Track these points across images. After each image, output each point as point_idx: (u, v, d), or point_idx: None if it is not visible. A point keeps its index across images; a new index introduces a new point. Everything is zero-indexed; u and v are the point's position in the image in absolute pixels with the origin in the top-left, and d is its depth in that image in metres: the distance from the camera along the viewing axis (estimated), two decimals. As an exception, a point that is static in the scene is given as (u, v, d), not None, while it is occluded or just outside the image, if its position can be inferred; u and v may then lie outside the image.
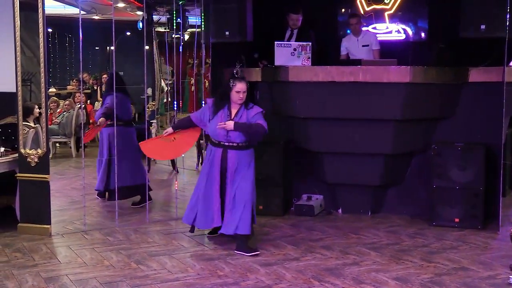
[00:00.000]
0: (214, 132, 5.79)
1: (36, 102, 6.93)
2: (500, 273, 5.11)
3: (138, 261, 5.46)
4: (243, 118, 5.75)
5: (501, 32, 6.22)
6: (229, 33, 7.11)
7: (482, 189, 6.46)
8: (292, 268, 5.26)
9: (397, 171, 7.13)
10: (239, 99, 5.74)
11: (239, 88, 5.72)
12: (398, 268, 5.26)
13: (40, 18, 6.05)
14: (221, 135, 5.72)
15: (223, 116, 5.76)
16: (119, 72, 8.11)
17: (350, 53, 7.96)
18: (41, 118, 6.65)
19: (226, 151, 5.76)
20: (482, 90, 6.71)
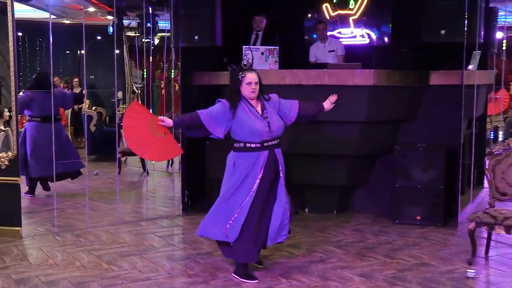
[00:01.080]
0: (255, 132, 4.90)
1: (6, 105, 6.88)
2: (458, 268, 5.24)
3: (109, 261, 5.45)
4: (270, 110, 5.00)
5: (460, 37, 6.36)
6: (198, 38, 7.12)
7: (442, 188, 6.58)
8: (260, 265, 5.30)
9: (362, 172, 7.23)
10: (252, 91, 4.91)
11: (250, 78, 4.92)
12: (363, 265, 5.34)
13: (9, 22, 6.00)
14: (265, 133, 4.90)
15: (254, 113, 4.94)
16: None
17: (317, 58, 8.05)
18: (11, 122, 6.58)
19: (273, 152, 5.00)
20: (442, 92, 6.85)
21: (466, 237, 5.54)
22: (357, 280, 4.95)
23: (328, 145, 6.80)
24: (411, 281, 4.91)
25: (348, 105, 6.60)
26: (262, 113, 4.97)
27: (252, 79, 4.94)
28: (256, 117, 4.93)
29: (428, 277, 5.00)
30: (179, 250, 5.91)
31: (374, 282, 4.90)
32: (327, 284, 4.86)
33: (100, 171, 10.13)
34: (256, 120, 4.92)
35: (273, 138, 4.97)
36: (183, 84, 7.48)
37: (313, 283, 4.88)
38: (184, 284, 4.88)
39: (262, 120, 4.93)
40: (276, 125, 4.96)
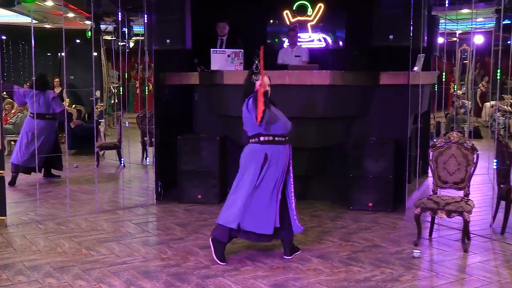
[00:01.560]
0: (286, 125, 4.89)
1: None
2: (406, 249, 5.29)
3: (89, 247, 5.37)
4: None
5: (406, 42, 6.42)
6: (170, 41, 7.06)
7: (391, 177, 6.63)
8: (227, 250, 5.25)
9: (319, 163, 7.25)
10: (269, 92, 4.80)
11: (266, 81, 4.75)
12: (321, 247, 5.36)
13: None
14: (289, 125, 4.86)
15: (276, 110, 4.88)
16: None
17: (284, 61, 8.07)
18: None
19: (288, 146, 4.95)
20: (391, 91, 6.89)
21: (412, 221, 5.60)
22: (315, 261, 4.96)
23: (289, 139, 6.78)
24: (364, 261, 4.94)
25: (307, 103, 6.62)
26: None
27: (267, 82, 4.80)
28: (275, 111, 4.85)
29: (379, 257, 5.05)
30: (153, 236, 5.85)
31: (330, 262, 4.92)
32: (288, 265, 4.86)
33: (80, 164, 9.98)
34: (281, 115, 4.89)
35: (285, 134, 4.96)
36: (156, 83, 7.40)
37: (276, 264, 4.87)
38: (158, 267, 4.83)
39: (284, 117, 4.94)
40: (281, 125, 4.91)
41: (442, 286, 4.37)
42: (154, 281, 4.48)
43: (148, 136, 9.10)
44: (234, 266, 4.82)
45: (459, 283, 4.45)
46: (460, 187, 5.47)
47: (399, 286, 4.36)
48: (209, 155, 7.06)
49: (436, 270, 4.76)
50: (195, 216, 6.57)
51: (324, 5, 8.84)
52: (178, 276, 4.58)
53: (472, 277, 4.56)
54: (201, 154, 7.07)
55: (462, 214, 5.15)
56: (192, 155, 7.09)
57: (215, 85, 7.09)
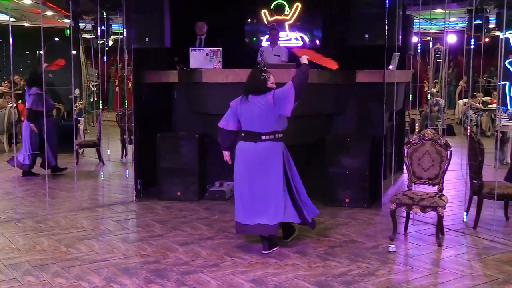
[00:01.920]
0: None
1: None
2: (381, 243, 5.33)
3: (68, 245, 5.31)
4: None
5: (381, 41, 6.46)
6: (149, 40, 7.01)
7: (368, 173, 6.67)
8: (207, 246, 5.27)
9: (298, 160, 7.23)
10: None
11: (273, 79, 5.12)
12: (299, 243, 5.37)
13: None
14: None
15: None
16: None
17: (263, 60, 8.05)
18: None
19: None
20: (367, 89, 6.94)
21: (388, 217, 5.64)
22: (293, 256, 4.97)
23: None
24: (341, 256, 4.97)
25: (284, 101, 6.61)
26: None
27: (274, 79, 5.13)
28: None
29: (355, 252, 5.08)
30: (132, 233, 5.81)
31: (308, 258, 4.94)
32: (266, 260, 4.86)
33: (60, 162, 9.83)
34: None
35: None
36: (136, 82, 7.35)
37: (255, 260, 4.88)
38: (138, 264, 4.80)
39: None
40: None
41: (416, 279, 4.41)
42: (133, 277, 4.45)
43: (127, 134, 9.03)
44: (214, 262, 4.81)
45: (433, 276, 4.50)
46: (434, 183, 5.52)
47: (375, 280, 4.39)
48: (188, 152, 7.04)
49: (411, 264, 4.80)
50: (175, 213, 6.54)
51: (301, 4, 8.85)
52: (158, 273, 4.56)
53: (446, 271, 4.61)
54: (180, 152, 7.04)
55: (436, 209, 5.20)
56: (172, 153, 7.05)
57: (194, 83, 7.06)
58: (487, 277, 4.46)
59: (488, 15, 10.60)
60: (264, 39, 8.85)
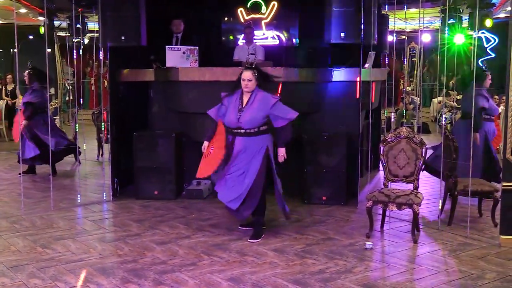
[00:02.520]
0: (227, 120, 5.36)
1: None
2: (358, 241, 5.36)
3: (44, 245, 5.24)
4: (254, 104, 5.28)
5: (357, 39, 6.50)
6: (125, 38, 6.94)
7: (344, 171, 6.70)
8: (184, 245, 5.24)
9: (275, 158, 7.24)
10: (245, 86, 5.28)
11: (244, 75, 5.29)
12: (276, 241, 5.37)
13: None
14: (233, 123, 5.31)
15: (236, 105, 5.32)
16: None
17: (240, 58, 8.04)
18: None
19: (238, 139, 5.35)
20: (343, 87, 6.96)
21: (364, 214, 5.66)
22: (271, 254, 4.98)
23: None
24: (318, 254, 4.98)
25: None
26: (243, 106, 5.31)
27: (246, 76, 5.30)
28: (234, 108, 5.31)
29: (333, 250, 5.10)
30: (109, 232, 5.76)
31: (286, 256, 4.94)
32: (244, 259, 4.86)
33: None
34: (232, 111, 5.31)
35: (240, 128, 5.30)
36: (112, 80, 7.29)
37: (232, 258, 4.86)
38: (115, 263, 4.75)
39: (236, 113, 5.29)
40: (245, 120, 5.26)
41: (393, 276, 4.45)
42: (110, 277, 4.41)
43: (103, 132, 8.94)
44: (191, 261, 4.79)
45: (409, 273, 4.53)
46: (409, 180, 5.57)
47: (352, 277, 4.41)
48: (165, 151, 6.99)
49: (387, 261, 4.84)
50: (152, 212, 6.50)
51: (277, 3, 8.86)
52: (135, 272, 4.52)
53: (422, 267, 4.66)
54: (157, 150, 7.00)
55: (412, 206, 5.25)
56: (148, 152, 7.01)
57: (171, 82, 7.02)
58: (462, 273, 4.51)
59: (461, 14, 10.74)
60: (241, 37, 8.84)
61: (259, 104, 5.30)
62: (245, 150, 5.33)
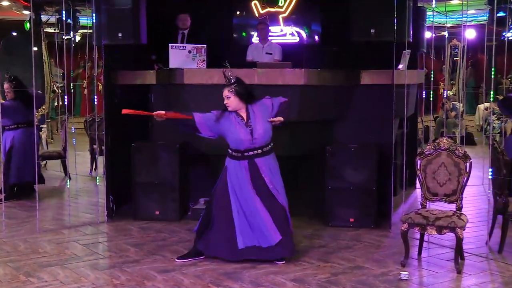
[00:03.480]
0: (237, 141, 5.42)
1: None
2: (392, 270, 5.33)
3: (28, 273, 5.27)
4: (257, 115, 5.44)
5: (389, 36, 6.49)
6: (122, 35, 7.00)
7: (374, 189, 6.69)
8: (190, 273, 5.25)
9: (293, 173, 7.26)
10: (227, 105, 5.45)
11: (224, 94, 5.46)
12: (296, 270, 5.36)
13: None
14: (247, 141, 5.38)
15: (239, 122, 5.42)
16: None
17: (254, 58, 8.08)
18: None
19: (254, 161, 5.43)
20: (373, 92, 6.96)
21: (399, 239, 5.64)
22: (290, 285, 4.97)
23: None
24: (345, 285, 4.97)
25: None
26: (247, 121, 5.43)
27: (224, 94, 5.44)
28: (239, 125, 5.40)
29: (362, 280, 5.08)
30: (103, 258, 5.78)
31: (307, 286, 4.93)
32: (259, 290, 4.87)
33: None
34: (240, 129, 5.40)
35: (255, 148, 5.42)
36: (107, 83, 7.35)
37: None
38: (110, 295, 4.78)
39: (245, 128, 5.40)
40: (259, 133, 5.39)
41: (432, 311, 4.42)
42: (104, 311, 4.43)
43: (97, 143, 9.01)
44: (197, 293, 4.80)
45: (452, 308, 4.50)
46: (451, 199, 5.54)
47: (384, 312, 4.39)
48: (168, 165, 7.02)
49: (425, 293, 4.82)
50: (152, 235, 6.52)
51: (298, -5, 8.90)
52: (133, 305, 4.54)
53: (466, 301, 4.63)
54: (159, 164, 7.03)
55: (455, 230, 5.21)
56: (148, 165, 7.04)
57: (174, 85, 7.07)
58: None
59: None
60: (255, 34, 8.88)
61: (262, 113, 5.48)
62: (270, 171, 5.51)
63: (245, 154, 5.42)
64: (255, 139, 5.39)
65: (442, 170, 5.55)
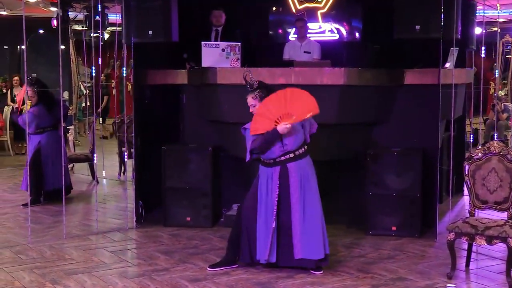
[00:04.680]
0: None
1: None
2: (437, 282, 5.29)
3: (54, 280, 5.36)
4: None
5: (436, 33, 6.44)
6: (152, 33, 7.07)
7: (419, 195, 6.64)
8: (222, 283, 5.28)
9: (331, 179, 7.24)
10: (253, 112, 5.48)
11: (248, 101, 5.49)
12: (334, 280, 5.35)
13: None
14: (277, 148, 5.40)
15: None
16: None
17: (291, 57, 8.09)
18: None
19: (285, 167, 5.46)
20: (417, 92, 6.92)
21: (445, 249, 5.60)
22: (328, 297, 4.98)
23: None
24: (387, 297, 4.95)
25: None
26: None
27: (249, 102, 5.48)
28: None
29: (404, 293, 5.06)
30: (132, 266, 5.85)
31: (346, 299, 4.93)
32: (295, 302, 4.87)
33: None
34: None
35: (286, 152, 5.40)
36: (136, 83, 7.42)
37: (281, 301, 4.89)
38: (138, 304, 4.84)
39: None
40: (290, 139, 5.37)
41: (480, 327, 4.38)
42: (133, 321, 4.49)
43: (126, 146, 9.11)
44: (230, 303, 4.83)
45: (502, 323, 4.46)
46: (503, 208, 5.48)
47: (429, 327, 4.36)
48: (200, 169, 7.07)
49: (473, 308, 4.78)
50: (183, 242, 6.58)
51: (338, -10, 8.88)
52: (163, 316, 4.59)
53: (517, 317, 4.57)
54: (190, 168, 7.08)
55: (506, 240, 5.15)
56: (179, 169, 7.09)
57: (207, 85, 7.11)
58: None
59: None
60: (292, 31, 8.89)
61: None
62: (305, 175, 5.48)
63: (277, 160, 5.44)
64: (286, 145, 5.39)
65: (492, 176, 5.49)
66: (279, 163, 5.43)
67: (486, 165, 5.52)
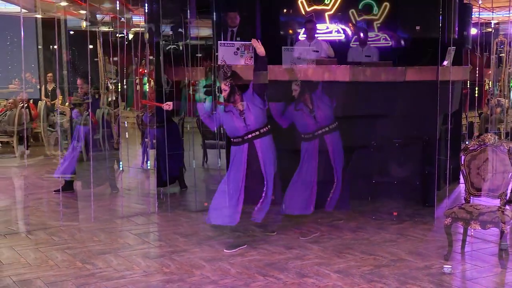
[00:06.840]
0: (234, 129, 5.80)
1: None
2: (435, 263, 5.26)
3: (84, 260, 5.39)
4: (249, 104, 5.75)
5: (435, 33, 6.40)
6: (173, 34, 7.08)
7: (419, 183, 6.62)
8: (237, 263, 5.28)
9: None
10: (224, 96, 5.80)
11: (221, 87, 5.82)
12: (340, 261, 5.34)
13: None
14: (242, 128, 5.75)
15: (235, 113, 5.75)
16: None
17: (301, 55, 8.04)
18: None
19: (253, 143, 5.79)
20: (418, 88, 6.87)
21: (442, 233, 5.56)
22: (334, 276, 4.95)
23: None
24: (388, 277, 4.93)
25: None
26: (242, 110, 5.73)
27: (222, 87, 5.81)
28: (236, 116, 5.74)
29: (405, 273, 5.03)
30: (154, 247, 5.87)
31: (351, 278, 4.91)
32: (304, 281, 4.85)
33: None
34: (235, 119, 5.74)
35: (251, 131, 5.74)
36: (158, 80, 7.42)
37: (290, 280, 4.87)
38: (160, 282, 4.84)
39: (240, 118, 5.72)
40: (251, 119, 5.73)
41: (475, 305, 4.36)
42: (155, 298, 4.50)
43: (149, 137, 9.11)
44: (244, 281, 4.82)
45: (495, 302, 4.43)
46: (496, 195, 5.43)
47: (427, 305, 4.34)
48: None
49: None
50: (201, 225, 6.58)
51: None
52: (182, 293, 4.59)
53: (509, 296, 4.54)
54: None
55: (499, 225, 5.11)
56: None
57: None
58: (558, 304, 4.37)
59: None
60: (301, 32, 8.84)
61: (250, 100, 5.75)
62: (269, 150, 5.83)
63: (245, 138, 5.75)
64: (248, 125, 5.71)
65: (486, 166, 5.45)
66: (246, 141, 5.75)
67: (481, 155, 5.48)
